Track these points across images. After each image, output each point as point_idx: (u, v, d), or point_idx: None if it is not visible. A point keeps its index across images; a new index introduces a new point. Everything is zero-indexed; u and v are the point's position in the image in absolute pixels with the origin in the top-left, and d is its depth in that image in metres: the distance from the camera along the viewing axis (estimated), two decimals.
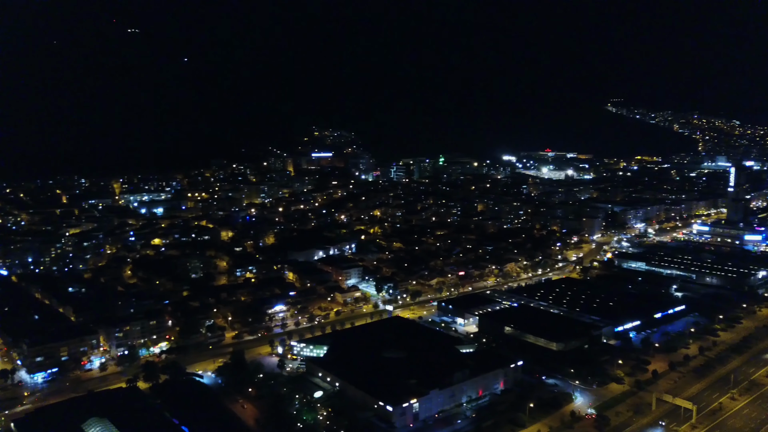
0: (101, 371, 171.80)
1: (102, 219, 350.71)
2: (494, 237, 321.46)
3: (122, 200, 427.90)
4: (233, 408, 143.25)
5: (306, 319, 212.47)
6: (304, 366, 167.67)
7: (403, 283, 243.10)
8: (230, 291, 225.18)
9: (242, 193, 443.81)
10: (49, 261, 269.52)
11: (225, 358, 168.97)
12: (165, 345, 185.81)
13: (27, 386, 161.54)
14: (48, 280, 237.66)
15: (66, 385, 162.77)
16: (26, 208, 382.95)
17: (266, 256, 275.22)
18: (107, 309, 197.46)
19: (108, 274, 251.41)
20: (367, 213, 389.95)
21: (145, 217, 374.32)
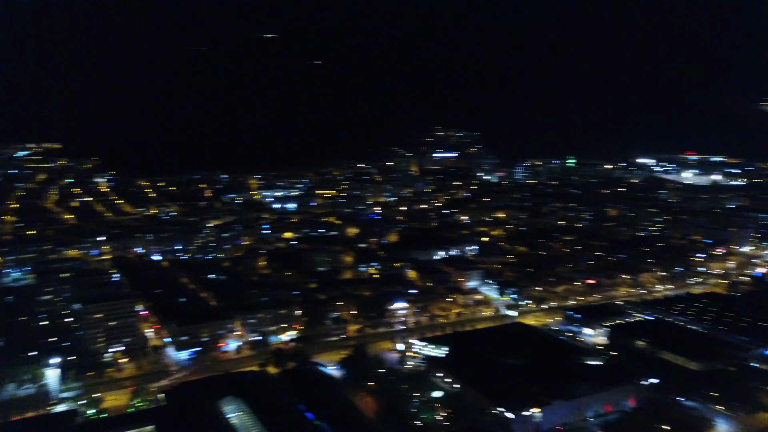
0: (236, 354, 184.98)
1: (240, 212, 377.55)
2: (628, 245, 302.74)
3: (258, 195, 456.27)
4: (354, 399, 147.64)
5: (426, 318, 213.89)
6: (424, 364, 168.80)
7: (526, 288, 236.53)
8: (354, 285, 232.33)
9: (367, 192, 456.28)
10: (194, 249, 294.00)
11: (347, 351, 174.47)
12: (293, 334, 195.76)
13: (174, 362, 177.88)
14: (193, 267, 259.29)
15: (206, 364, 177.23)
16: (176, 200, 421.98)
17: (388, 253, 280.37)
18: (243, 296, 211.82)
19: (244, 263, 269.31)
20: (489, 214, 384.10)
21: (277, 211, 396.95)
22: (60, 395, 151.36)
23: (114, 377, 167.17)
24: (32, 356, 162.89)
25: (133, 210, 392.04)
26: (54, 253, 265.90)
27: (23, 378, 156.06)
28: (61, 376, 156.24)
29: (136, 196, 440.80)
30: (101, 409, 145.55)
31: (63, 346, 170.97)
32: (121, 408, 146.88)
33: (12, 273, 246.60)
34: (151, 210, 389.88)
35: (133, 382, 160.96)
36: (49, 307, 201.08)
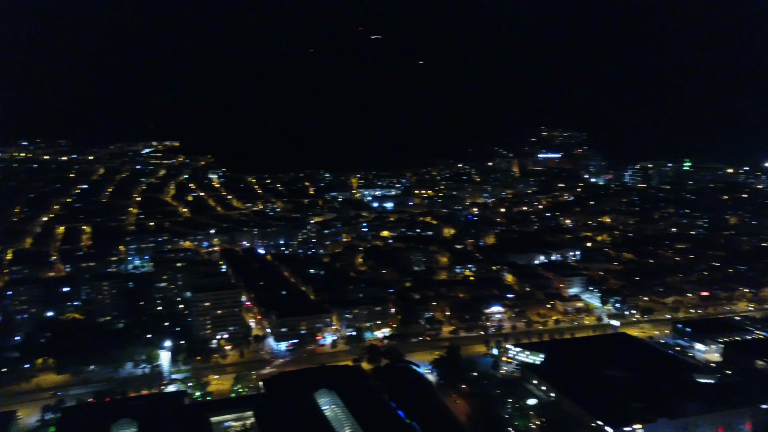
0: (332, 348, 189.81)
1: (341, 210, 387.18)
2: (749, 256, 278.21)
3: (358, 194, 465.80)
4: (446, 401, 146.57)
5: (523, 323, 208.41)
6: (518, 370, 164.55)
7: (632, 297, 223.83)
8: (449, 287, 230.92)
9: (466, 192, 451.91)
10: (296, 244, 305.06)
11: (440, 352, 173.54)
12: (387, 331, 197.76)
13: (273, 352, 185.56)
14: (294, 261, 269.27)
15: (303, 356, 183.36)
16: (281, 197, 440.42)
17: (486, 255, 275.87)
18: (340, 292, 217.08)
19: (343, 260, 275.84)
20: (595, 219, 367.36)
21: (376, 210, 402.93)
22: (171, 376, 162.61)
23: (219, 363, 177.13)
24: (148, 338, 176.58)
25: (241, 205, 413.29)
26: (170, 243, 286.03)
27: (140, 358, 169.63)
28: (172, 358, 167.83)
29: (244, 192, 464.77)
30: (206, 392, 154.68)
31: (175, 331, 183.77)
32: (224, 392, 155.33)
33: (134, 260, 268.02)
34: (258, 206, 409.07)
35: (235, 369, 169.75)
36: (164, 293, 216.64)
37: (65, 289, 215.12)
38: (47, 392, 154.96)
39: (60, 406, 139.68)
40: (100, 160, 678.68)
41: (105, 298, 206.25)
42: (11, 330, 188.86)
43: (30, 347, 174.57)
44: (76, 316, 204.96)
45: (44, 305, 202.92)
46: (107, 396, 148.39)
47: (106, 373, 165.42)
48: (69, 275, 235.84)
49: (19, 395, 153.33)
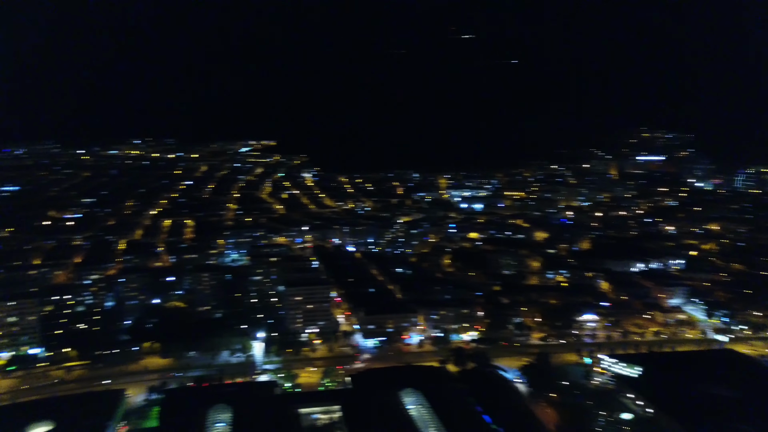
0: (418, 347, 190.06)
1: (428, 210, 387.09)
2: None
3: (446, 194, 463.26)
4: (534, 408, 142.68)
5: (618, 334, 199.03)
6: (613, 383, 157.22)
7: (741, 311, 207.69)
8: (540, 292, 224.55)
9: (560, 195, 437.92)
10: (385, 243, 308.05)
11: (529, 358, 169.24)
12: (474, 334, 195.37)
13: (360, 348, 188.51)
14: (382, 260, 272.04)
15: (389, 354, 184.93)
16: (371, 196, 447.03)
17: (579, 261, 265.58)
18: (427, 292, 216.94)
19: (430, 260, 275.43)
20: (700, 226, 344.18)
21: (464, 211, 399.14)
22: (263, 366, 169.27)
23: (308, 356, 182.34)
24: (244, 329, 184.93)
25: (333, 203, 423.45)
26: (265, 239, 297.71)
27: (235, 347, 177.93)
28: (265, 349, 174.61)
29: (336, 191, 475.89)
30: (296, 383, 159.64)
31: (268, 323, 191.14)
32: (313, 385, 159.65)
33: (231, 254, 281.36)
34: (348, 204, 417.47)
35: (323, 363, 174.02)
36: (259, 286, 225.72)
37: (170, 279, 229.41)
38: (153, 374, 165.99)
39: (164, 388, 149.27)
40: (203, 158, 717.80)
41: (205, 288, 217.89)
42: (122, 314, 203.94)
43: (138, 331, 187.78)
44: (179, 305, 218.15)
45: (151, 293, 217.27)
46: (205, 381, 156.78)
47: (205, 359, 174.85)
48: (173, 266, 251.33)
49: (128, 375, 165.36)
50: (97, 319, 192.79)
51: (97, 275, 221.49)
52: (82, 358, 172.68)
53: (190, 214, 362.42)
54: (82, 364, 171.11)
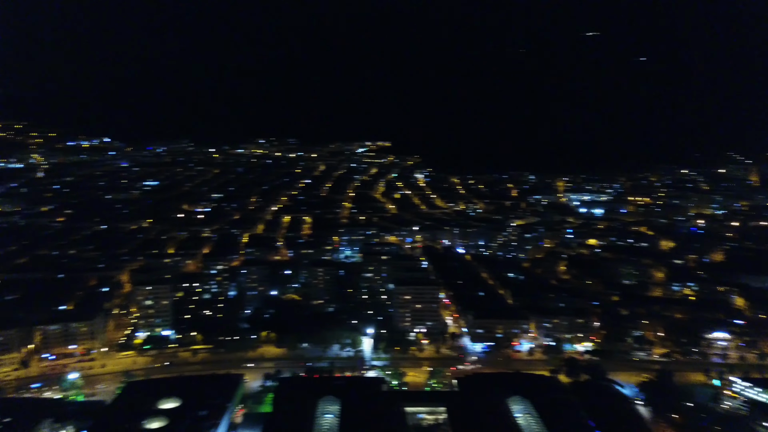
0: (528, 355, 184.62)
1: (544, 214, 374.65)
2: None
3: (564, 198, 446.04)
4: (652, 428, 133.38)
5: (754, 355, 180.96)
6: (746, 408, 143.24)
7: None
8: (664, 305, 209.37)
9: (690, 202, 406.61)
10: (496, 246, 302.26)
11: (649, 375, 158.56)
12: (589, 345, 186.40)
13: (467, 351, 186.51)
14: (493, 263, 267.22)
15: (498, 359, 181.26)
16: (483, 198, 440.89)
17: (711, 274, 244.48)
18: (540, 299, 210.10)
19: (543, 266, 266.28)
20: None
21: (583, 216, 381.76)
22: (371, 362, 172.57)
23: (415, 355, 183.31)
24: (354, 324, 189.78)
25: (444, 204, 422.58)
26: (377, 237, 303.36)
27: (345, 341, 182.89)
28: (373, 345, 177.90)
29: (448, 192, 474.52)
30: (402, 381, 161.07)
31: (377, 320, 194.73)
32: (419, 385, 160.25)
33: (345, 251, 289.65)
34: (460, 205, 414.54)
35: (430, 363, 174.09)
36: (370, 283, 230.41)
37: (287, 272, 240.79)
38: (268, 362, 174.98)
39: (278, 376, 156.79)
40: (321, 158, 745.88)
41: (319, 283, 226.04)
42: (243, 304, 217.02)
43: (256, 321, 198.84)
44: (295, 297, 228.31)
45: (270, 284, 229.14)
46: (316, 372, 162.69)
47: (316, 351, 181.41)
48: (291, 260, 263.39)
49: (246, 361, 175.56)
50: (220, 307, 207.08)
51: (222, 266, 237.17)
52: (206, 342, 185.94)
53: (308, 211, 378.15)
54: (206, 348, 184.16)
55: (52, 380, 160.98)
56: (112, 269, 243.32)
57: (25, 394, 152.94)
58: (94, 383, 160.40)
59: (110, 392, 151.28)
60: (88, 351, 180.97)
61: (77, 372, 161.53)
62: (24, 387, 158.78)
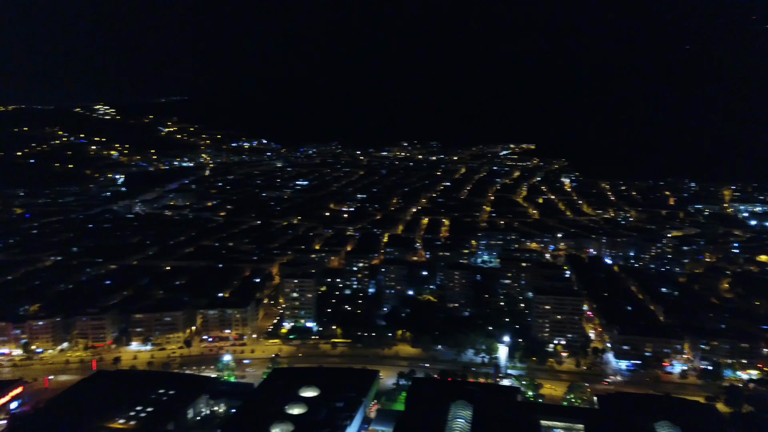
0: (680, 378, 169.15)
1: (706, 225, 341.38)
2: None
3: (730, 208, 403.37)
4: None
5: None
6: None
7: None
8: None
9: None
10: (648, 258, 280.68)
11: None
12: (755, 374, 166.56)
13: (611, 368, 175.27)
14: (644, 276, 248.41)
15: (645, 380, 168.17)
16: (636, 205, 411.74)
17: None
18: (697, 318, 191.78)
19: (703, 282, 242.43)
20: None
21: (753, 229, 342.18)
22: (506, 370, 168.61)
23: (553, 367, 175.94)
24: (490, 330, 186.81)
25: (591, 211, 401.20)
26: (517, 243, 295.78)
27: (480, 347, 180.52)
28: (509, 353, 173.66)
29: (596, 198, 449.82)
30: (538, 394, 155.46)
31: (514, 328, 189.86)
32: (556, 398, 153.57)
33: (483, 255, 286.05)
34: (609, 213, 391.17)
35: (569, 377, 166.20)
36: (507, 290, 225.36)
37: (424, 273, 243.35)
38: (402, 360, 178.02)
39: (411, 375, 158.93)
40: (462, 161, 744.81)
41: (455, 286, 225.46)
42: (381, 301, 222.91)
43: (393, 319, 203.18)
44: (431, 299, 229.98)
45: (407, 284, 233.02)
46: (449, 376, 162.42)
47: (450, 354, 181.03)
48: (428, 261, 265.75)
49: (381, 358, 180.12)
50: (360, 303, 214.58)
51: (363, 263, 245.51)
52: (345, 336, 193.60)
53: (447, 213, 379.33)
54: (345, 342, 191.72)
55: (209, 360, 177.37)
56: (264, 262, 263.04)
57: (186, 370, 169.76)
58: (244, 366, 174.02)
59: (258, 376, 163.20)
60: (240, 336, 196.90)
61: (230, 355, 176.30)
62: (186, 364, 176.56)
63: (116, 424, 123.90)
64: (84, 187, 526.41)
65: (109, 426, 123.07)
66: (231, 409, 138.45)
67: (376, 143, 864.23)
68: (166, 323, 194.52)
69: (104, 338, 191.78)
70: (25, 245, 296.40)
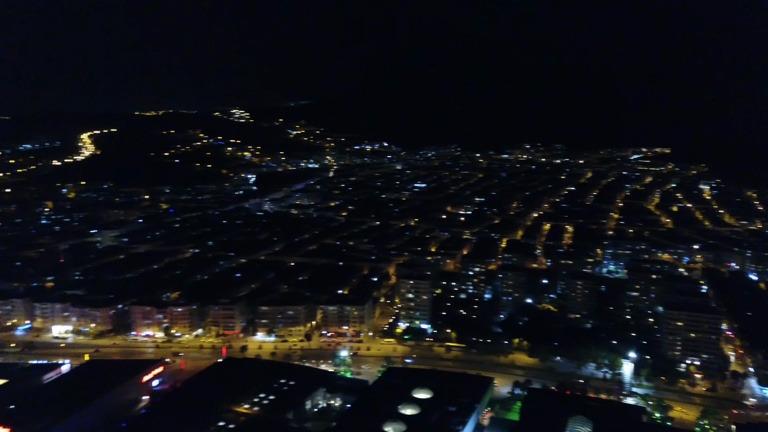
0: None
1: None
2: None
3: None
4: None
5: None
6: None
7: None
8: None
9: None
10: None
11: None
12: None
13: (753, 395, 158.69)
14: None
15: None
16: None
17: None
18: None
19: None
20: None
21: None
22: (631, 388, 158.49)
23: (684, 389, 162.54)
24: (614, 344, 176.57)
25: (734, 222, 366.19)
26: (647, 253, 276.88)
27: (603, 362, 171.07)
28: (634, 370, 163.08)
29: (740, 207, 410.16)
30: (667, 416, 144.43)
31: (641, 344, 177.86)
32: (687, 423, 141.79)
33: (608, 265, 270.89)
34: (756, 224, 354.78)
35: (703, 401, 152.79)
36: (635, 303, 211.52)
37: (544, 281, 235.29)
38: (518, 370, 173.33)
39: (527, 385, 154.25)
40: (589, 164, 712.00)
41: (577, 296, 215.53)
42: (497, 308, 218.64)
43: (510, 327, 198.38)
44: (550, 308, 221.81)
45: (525, 292, 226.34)
46: (568, 389, 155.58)
47: (569, 367, 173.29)
48: (549, 269, 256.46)
49: (496, 365, 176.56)
50: (475, 308, 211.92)
51: (479, 268, 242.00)
52: (459, 341, 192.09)
53: (570, 219, 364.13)
54: (459, 346, 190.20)
55: (327, 355, 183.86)
56: (381, 261, 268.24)
57: (306, 363, 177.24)
58: (359, 363, 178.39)
59: (372, 374, 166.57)
60: (357, 333, 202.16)
61: (347, 351, 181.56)
62: (305, 357, 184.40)
63: (241, 408, 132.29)
64: (220, 185, 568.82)
65: (235, 409, 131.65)
66: (346, 404, 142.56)
67: (496, 145, 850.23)
68: (289, 316, 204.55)
69: (233, 327, 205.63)
70: (168, 238, 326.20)
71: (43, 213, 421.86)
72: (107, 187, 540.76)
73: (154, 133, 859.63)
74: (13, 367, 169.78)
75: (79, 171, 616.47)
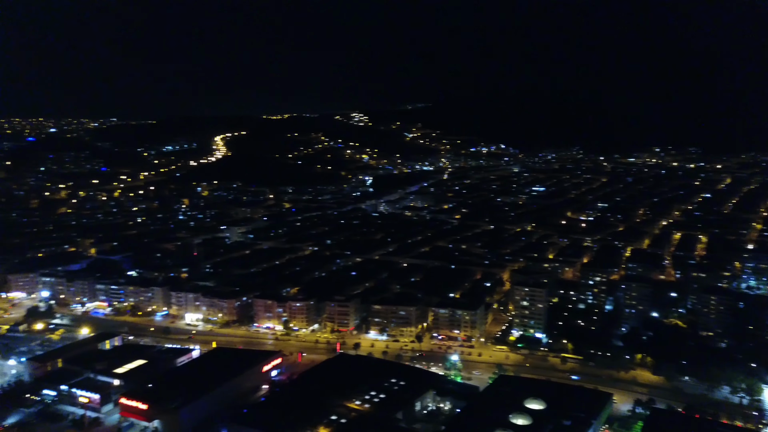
0: None
1: None
2: None
3: None
4: None
5: None
6: None
7: None
8: None
9: None
10: None
11: None
12: None
13: None
14: None
15: None
16: None
17: None
18: None
19: None
20: None
21: None
22: None
23: None
24: (753, 367, 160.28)
25: None
26: None
27: (739, 385, 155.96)
28: None
29: None
30: None
31: None
32: None
33: (749, 280, 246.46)
34: None
35: None
36: None
37: (672, 294, 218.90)
38: (640, 387, 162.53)
39: (650, 405, 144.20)
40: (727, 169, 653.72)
41: (711, 312, 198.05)
42: (619, 320, 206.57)
43: (632, 341, 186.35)
44: (679, 323, 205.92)
45: (650, 305, 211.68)
46: (697, 412, 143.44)
47: (699, 389, 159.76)
48: (678, 281, 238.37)
49: (616, 381, 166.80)
50: (595, 320, 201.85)
51: (600, 277, 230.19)
52: (576, 353, 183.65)
53: (704, 228, 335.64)
54: (576, 358, 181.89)
55: (437, 358, 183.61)
56: (495, 266, 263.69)
57: (416, 364, 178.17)
58: (470, 368, 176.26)
59: (483, 380, 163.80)
60: (468, 338, 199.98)
61: (458, 355, 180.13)
62: (416, 358, 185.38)
63: (353, 404, 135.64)
64: (339, 186, 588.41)
65: (346, 404, 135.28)
66: (456, 409, 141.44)
67: (622, 148, 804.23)
68: (401, 317, 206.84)
69: (347, 324, 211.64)
70: (290, 235, 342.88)
71: (181, 209, 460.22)
72: (236, 186, 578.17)
73: (280, 136, 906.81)
74: (152, 349, 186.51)
75: (213, 171, 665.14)
